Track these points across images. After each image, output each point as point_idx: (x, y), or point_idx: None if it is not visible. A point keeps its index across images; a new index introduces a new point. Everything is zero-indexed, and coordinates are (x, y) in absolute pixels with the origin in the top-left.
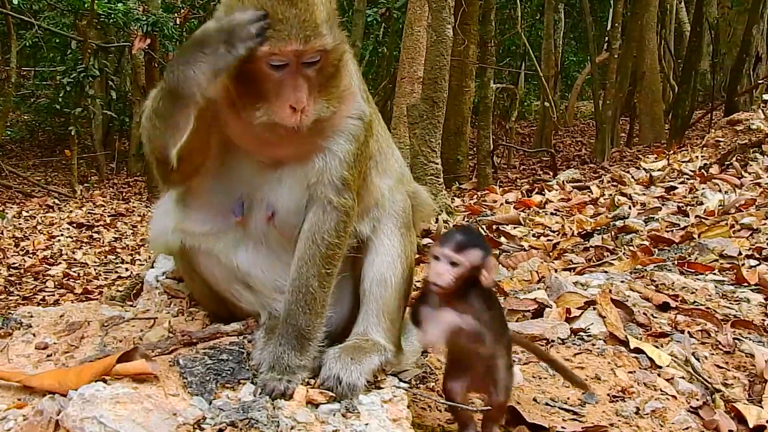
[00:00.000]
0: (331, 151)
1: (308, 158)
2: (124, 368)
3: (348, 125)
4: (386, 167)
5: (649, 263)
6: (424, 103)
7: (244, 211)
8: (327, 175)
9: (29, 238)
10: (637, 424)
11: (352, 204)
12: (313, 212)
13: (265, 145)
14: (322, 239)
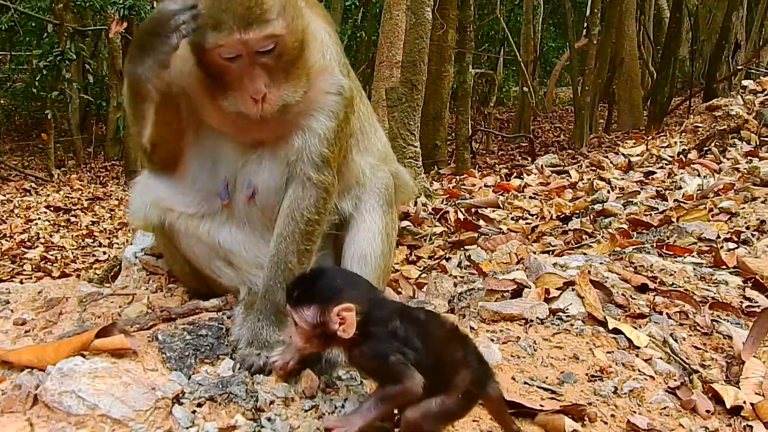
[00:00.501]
0: (310, 129)
1: (287, 137)
2: (103, 343)
3: (327, 101)
4: (368, 145)
5: (628, 246)
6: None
7: (229, 194)
8: (306, 153)
9: (6, 222)
10: (615, 404)
11: (332, 181)
12: (293, 189)
13: (242, 130)
14: (302, 216)
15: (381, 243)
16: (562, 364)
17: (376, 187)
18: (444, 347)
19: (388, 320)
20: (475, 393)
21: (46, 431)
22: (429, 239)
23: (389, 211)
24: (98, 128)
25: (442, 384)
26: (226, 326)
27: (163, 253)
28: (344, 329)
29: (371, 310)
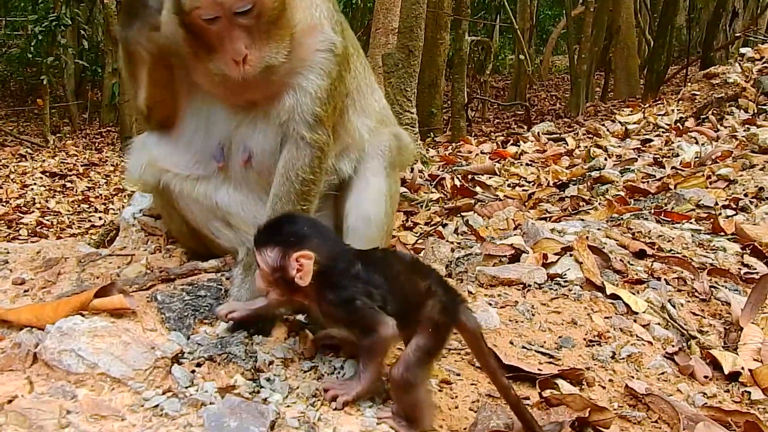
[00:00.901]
0: (301, 88)
1: (278, 97)
2: (102, 303)
3: (317, 59)
4: (365, 106)
5: (626, 212)
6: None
7: (224, 156)
8: (298, 112)
9: (2, 187)
10: (612, 368)
11: (326, 140)
12: (287, 149)
13: (232, 91)
14: (296, 176)
15: (385, 204)
16: (560, 329)
17: (379, 149)
18: (406, 281)
19: (349, 267)
20: (447, 322)
21: (45, 389)
22: (425, 205)
23: (392, 173)
24: (93, 94)
25: (411, 319)
26: (224, 287)
27: (161, 213)
28: (301, 276)
29: (334, 262)
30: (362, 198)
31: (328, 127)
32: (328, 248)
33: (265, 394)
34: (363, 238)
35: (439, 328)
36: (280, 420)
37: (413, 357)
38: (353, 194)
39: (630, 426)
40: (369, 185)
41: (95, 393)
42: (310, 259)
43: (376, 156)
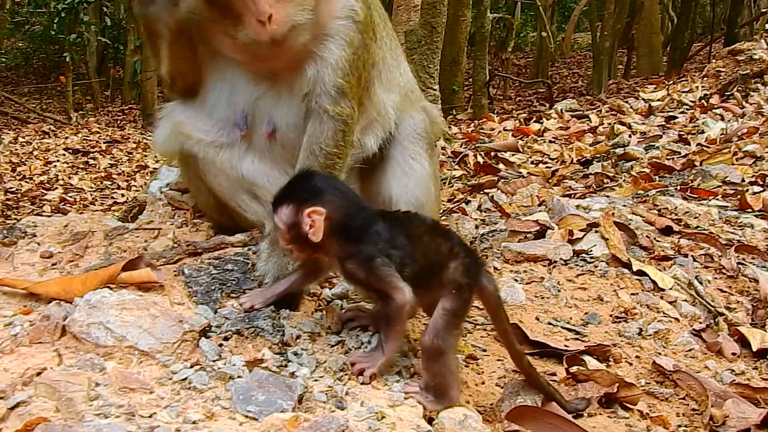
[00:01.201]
0: (322, 59)
1: (300, 68)
2: (130, 276)
3: (337, 27)
4: (390, 78)
5: (651, 189)
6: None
7: (247, 124)
8: (320, 85)
9: (26, 164)
10: (639, 345)
11: (350, 112)
12: (311, 123)
13: (255, 58)
14: (321, 149)
15: (434, 188)
16: (586, 305)
17: (416, 131)
18: (429, 243)
19: (369, 224)
20: (470, 283)
21: (74, 362)
22: (448, 182)
23: (432, 154)
24: (115, 71)
25: (434, 281)
26: (251, 261)
27: (188, 186)
28: (313, 233)
29: (348, 217)
30: (409, 184)
31: (352, 99)
32: (341, 204)
33: (293, 368)
34: None
35: (462, 290)
36: (308, 394)
37: (441, 321)
38: (397, 179)
39: (657, 402)
40: (414, 170)
41: (123, 366)
42: (321, 214)
43: (416, 139)
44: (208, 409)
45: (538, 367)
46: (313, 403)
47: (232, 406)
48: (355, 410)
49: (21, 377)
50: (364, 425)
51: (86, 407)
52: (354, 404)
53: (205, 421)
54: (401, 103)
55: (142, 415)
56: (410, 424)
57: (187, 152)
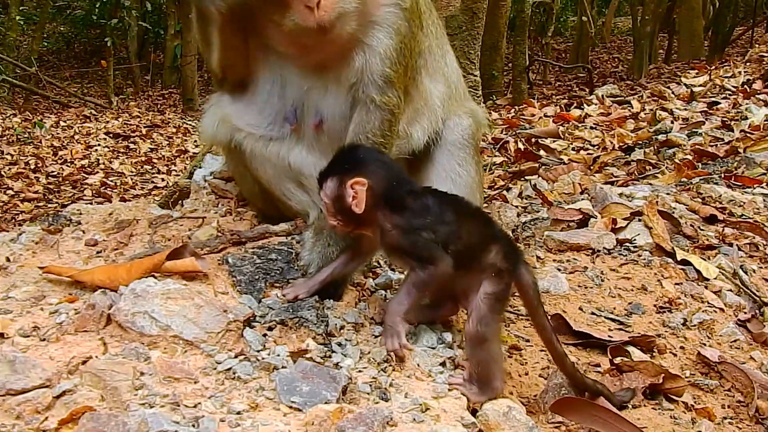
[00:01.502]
0: (370, 48)
1: (348, 58)
2: (174, 265)
3: (384, 15)
4: (436, 68)
5: (694, 176)
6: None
7: (297, 118)
8: (367, 74)
9: (67, 148)
10: (684, 335)
11: (396, 102)
12: (357, 113)
13: (304, 50)
14: (367, 139)
15: (479, 195)
16: (630, 295)
17: (464, 138)
18: (473, 224)
19: (416, 196)
20: (510, 268)
21: (119, 351)
22: (489, 169)
23: (479, 161)
24: (156, 56)
25: (475, 263)
26: (295, 251)
27: (232, 174)
28: (356, 204)
29: (392, 188)
30: (455, 191)
31: (398, 88)
32: (384, 174)
33: (337, 359)
34: None
35: (502, 274)
36: (352, 385)
37: (484, 306)
38: (443, 186)
39: (702, 394)
40: (460, 177)
41: (168, 355)
42: (364, 185)
43: (463, 145)
44: (252, 400)
45: (582, 358)
46: (357, 395)
47: (276, 396)
48: (399, 402)
49: (66, 366)
50: (408, 417)
51: (131, 396)
52: (398, 396)
53: (249, 412)
54: (447, 93)
55: (187, 405)
56: (454, 416)
57: (236, 143)
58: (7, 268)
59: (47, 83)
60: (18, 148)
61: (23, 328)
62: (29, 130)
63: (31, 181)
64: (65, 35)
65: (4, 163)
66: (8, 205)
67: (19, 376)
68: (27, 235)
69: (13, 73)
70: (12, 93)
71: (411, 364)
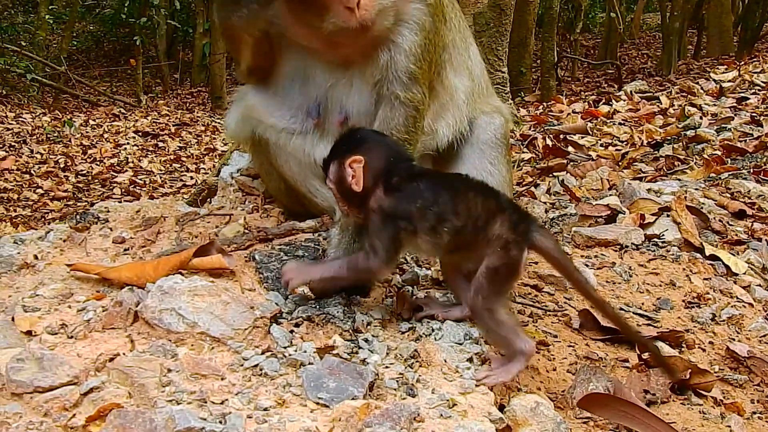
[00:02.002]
0: (395, 44)
1: (374, 54)
2: (201, 262)
3: (411, 12)
4: (461, 62)
5: (723, 172)
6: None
7: (320, 113)
8: (392, 70)
9: (96, 146)
10: (713, 330)
11: (421, 98)
12: (382, 109)
13: (335, 47)
14: (391, 135)
15: (509, 193)
16: (658, 291)
17: (497, 137)
18: (474, 198)
19: (412, 179)
20: (518, 239)
21: (146, 347)
22: (517, 165)
23: (509, 160)
24: (185, 54)
25: (479, 236)
26: (322, 247)
27: (258, 171)
28: (356, 182)
29: (389, 167)
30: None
31: (423, 84)
32: (382, 153)
33: (364, 355)
34: None
35: (509, 247)
36: (379, 381)
37: (483, 279)
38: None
39: (731, 389)
40: (492, 176)
41: (195, 352)
42: (360, 162)
43: (496, 144)
44: (279, 396)
45: (610, 354)
46: (384, 391)
47: (303, 393)
48: (426, 397)
49: (94, 363)
50: (436, 413)
51: (158, 393)
52: (425, 391)
53: (276, 408)
54: (471, 87)
55: (214, 402)
56: (481, 412)
57: (258, 137)
58: (35, 266)
59: (76, 82)
60: (47, 146)
61: (51, 326)
62: (59, 129)
63: (60, 180)
64: (94, 34)
65: (33, 161)
66: (38, 204)
67: (47, 373)
68: (55, 233)
69: (43, 72)
70: (42, 92)
71: (438, 359)
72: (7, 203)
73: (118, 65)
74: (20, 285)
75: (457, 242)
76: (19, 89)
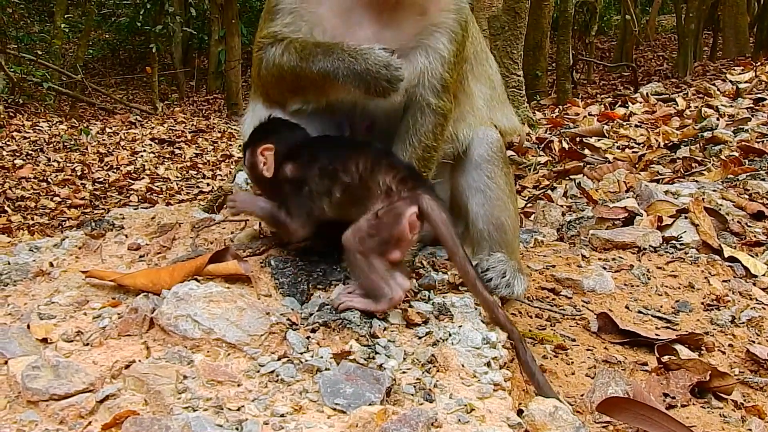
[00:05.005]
0: (433, 50)
1: (410, 59)
2: (216, 268)
3: (447, 20)
4: (481, 72)
5: (741, 173)
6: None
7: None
8: (428, 77)
9: (113, 154)
10: (732, 333)
11: (450, 107)
12: (411, 114)
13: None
14: (419, 142)
15: (512, 205)
16: (677, 293)
17: (491, 153)
18: (368, 157)
19: (312, 147)
20: (405, 195)
21: (162, 354)
22: (533, 169)
23: (508, 171)
24: (200, 62)
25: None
26: (338, 252)
27: None
28: (267, 168)
29: (293, 150)
30: (488, 206)
31: (452, 93)
32: (290, 139)
33: (381, 360)
34: (498, 243)
35: (392, 195)
36: (396, 386)
37: (363, 221)
38: (475, 195)
39: (752, 392)
40: (490, 191)
41: (211, 358)
42: (271, 150)
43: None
44: (295, 402)
45: (629, 357)
46: (401, 396)
47: (320, 398)
48: (443, 403)
49: (110, 370)
50: (453, 418)
51: (174, 400)
52: (442, 396)
53: (293, 414)
54: (491, 95)
55: (230, 408)
56: (500, 417)
57: None
58: (50, 273)
59: (93, 90)
60: (64, 154)
61: (66, 333)
62: (75, 137)
63: (77, 188)
64: (110, 42)
65: (51, 169)
66: (55, 212)
67: (62, 381)
68: (70, 240)
69: (59, 80)
70: (58, 100)
71: (455, 364)
72: (25, 211)
73: (134, 73)
74: (36, 292)
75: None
76: (35, 98)
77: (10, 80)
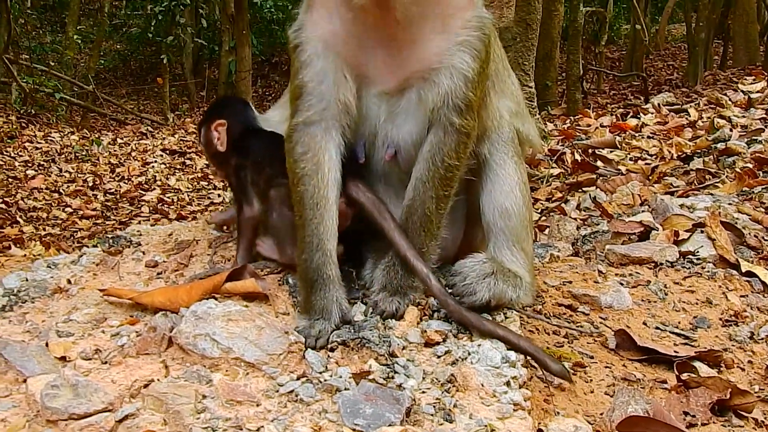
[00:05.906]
0: (456, 69)
1: (433, 79)
2: (234, 286)
3: (470, 38)
4: (503, 88)
5: (756, 185)
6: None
7: (366, 153)
8: (452, 97)
9: (124, 165)
10: (752, 349)
11: (473, 125)
12: (434, 134)
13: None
14: (442, 161)
15: (520, 194)
16: (694, 309)
17: (502, 139)
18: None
19: (252, 138)
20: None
21: (181, 373)
22: (546, 181)
23: (520, 162)
24: (211, 72)
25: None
26: (356, 270)
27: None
28: (220, 143)
29: (243, 129)
30: (494, 192)
31: (475, 111)
32: (240, 117)
33: (400, 380)
34: (506, 231)
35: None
36: (416, 406)
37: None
38: (485, 187)
39: None
40: (498, 178)
41: (230, 378)
42: (224, 125)
43: (503, 147)
44: (315, 423)
45: (648, 374)
46: (421, 416)
47: (340, 419)
48: (463, 423)
49: (129, 389)
50: None
51: (194, 420)
52: (462, 417)
53: None
54: (515, 110)
55: (250, 429)
56: None
57: None
58: (68, 291)
59: (104, 101)
60: (76, 165)
61: (85, 351)
62: (87, 148)
63: (89, 199)
64: (121, 53)
65: (62, 180)
66: (67, 223)
67: (81, 400)
68: (87, 257)
69: (71, 91)
70: (70, 111)
71: (475, 383)
72: (37, 222)
73: (145, 83)
74: (54, 310)
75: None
76: (47, 108)
77: (22, 91)
